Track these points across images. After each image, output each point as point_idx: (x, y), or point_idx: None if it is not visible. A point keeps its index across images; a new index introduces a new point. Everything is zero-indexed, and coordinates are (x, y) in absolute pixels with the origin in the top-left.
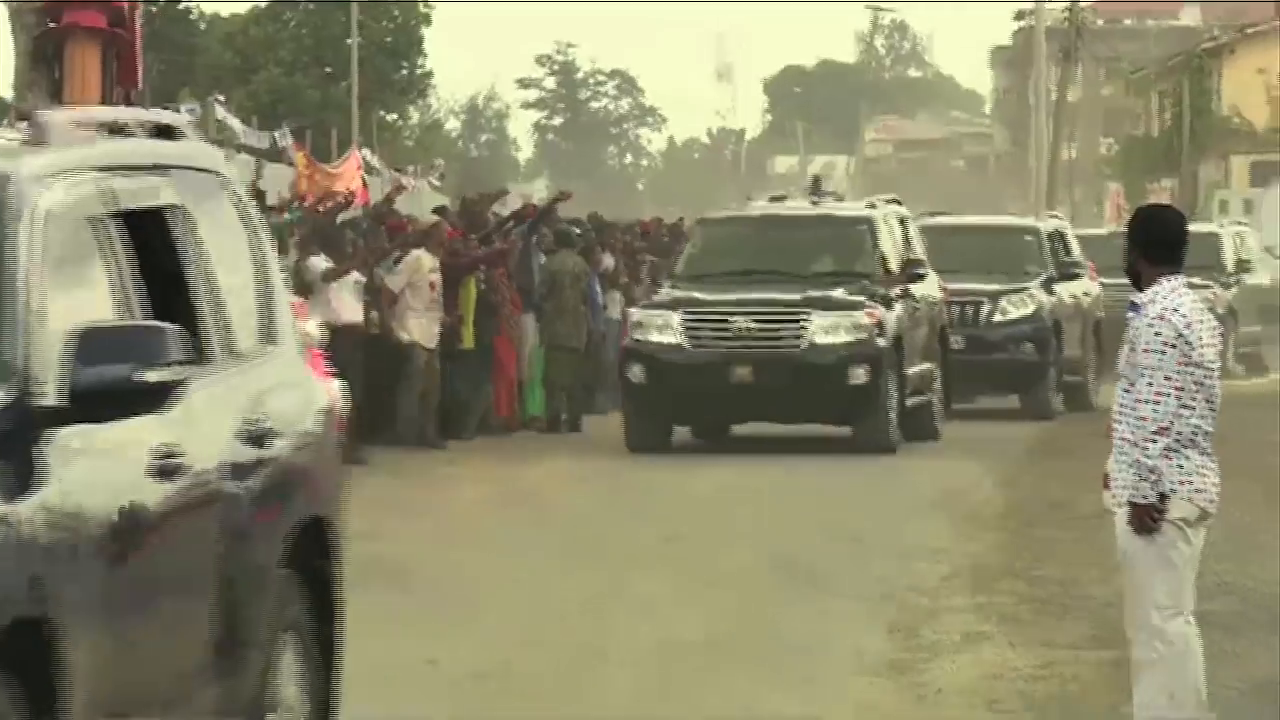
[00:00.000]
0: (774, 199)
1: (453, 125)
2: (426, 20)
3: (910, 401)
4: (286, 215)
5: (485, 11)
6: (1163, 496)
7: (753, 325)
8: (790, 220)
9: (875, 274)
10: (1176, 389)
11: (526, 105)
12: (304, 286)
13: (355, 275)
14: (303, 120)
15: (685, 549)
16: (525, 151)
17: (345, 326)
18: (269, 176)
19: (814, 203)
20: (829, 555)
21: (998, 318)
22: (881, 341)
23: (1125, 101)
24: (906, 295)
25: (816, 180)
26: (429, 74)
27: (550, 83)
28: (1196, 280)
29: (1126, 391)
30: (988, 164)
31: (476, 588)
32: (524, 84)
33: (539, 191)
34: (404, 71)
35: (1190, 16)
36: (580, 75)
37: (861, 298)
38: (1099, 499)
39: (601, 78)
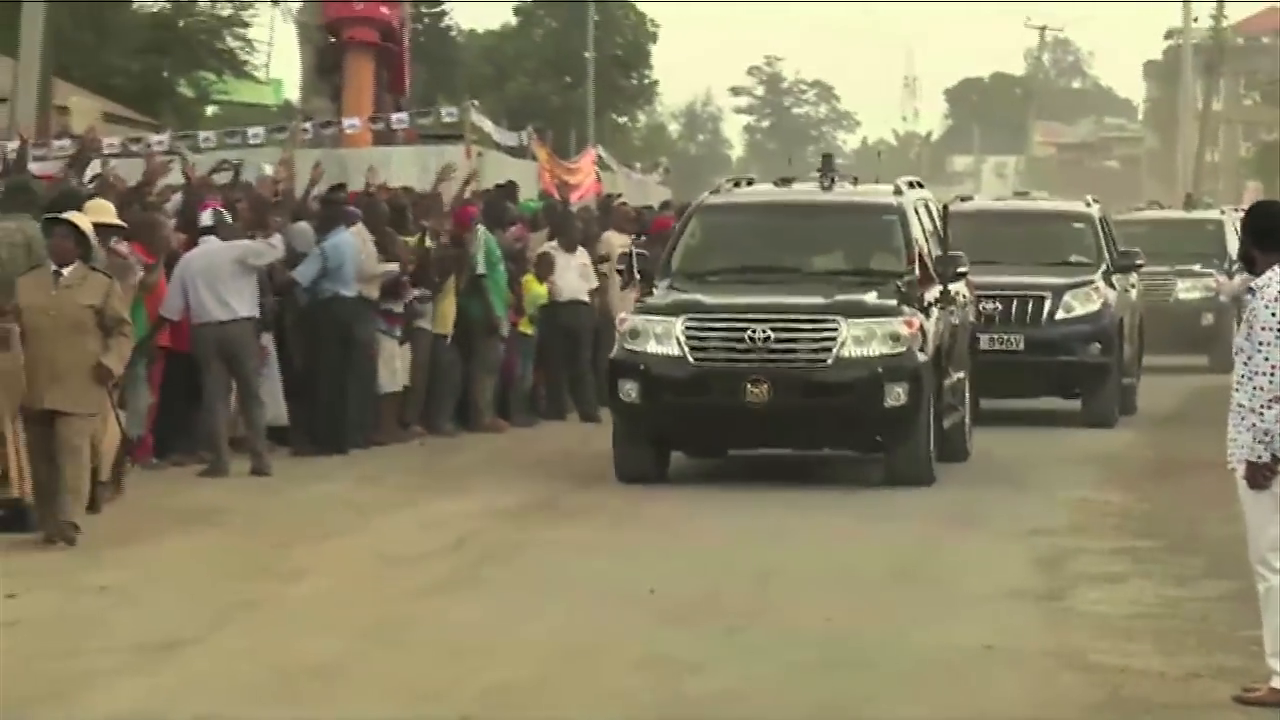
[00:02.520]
0: (780, 181)
1: (674, 127)
2: (653, 37)
3: (947, 422)
4: (528, 202)
5: (704, 28)
6: (1275, 457)
7: (771, 334)
8: (805, 208)
9: (909, 273)
10: None
11: (738, 110)
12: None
13: (582, 257)
14: (546, 123)
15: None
16: (737, 150)
17: (570, 302)
18: (516, 171)
19: (825, 186)
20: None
21: (1061, 315)
22: (922, 355)
23: (1263, 111)
24: (945, 297)
25: (827, 159)
26: (655, 83)
27: (759, 90)
28: (1197, 268)
29: (1246, 364)
30: (1139, 164)
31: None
32: (736, 92)
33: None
34: (633, 80)
35: None
36: (785, 84)
37: (898, 302)
38: None
39: (804, 87)
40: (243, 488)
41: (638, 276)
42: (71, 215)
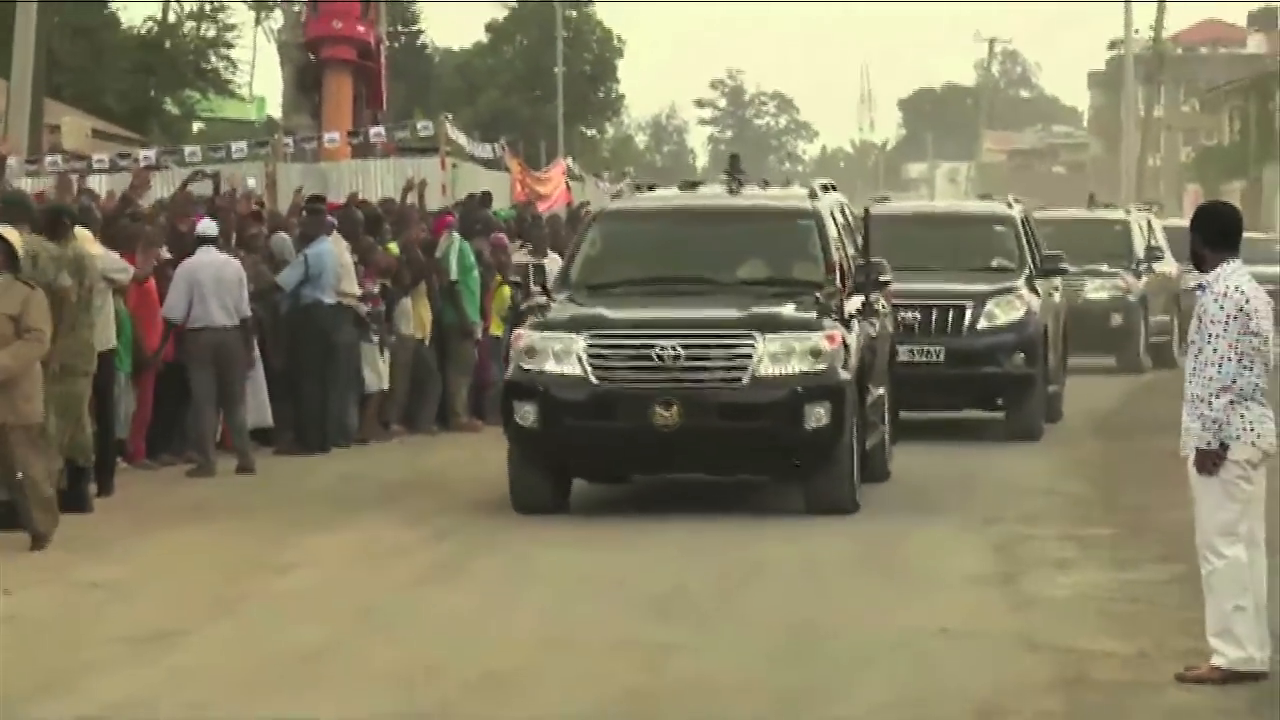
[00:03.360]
0: (686, 185)
1: (641, 139)
2: (619, 53)
3: (869, 442)
4: (500, 211)
5: (668, 44)
6: (1224, 445)
7: (681, 352)
8: (714, 213)
9: (829, 282)
10: (1237, 354)
11: (702, 122)
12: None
13: (554, 263)
14: (518, 135)
15: None
16: (701, 160)
17: None
18: (490, 181)
19: (731, 189)
20: None
21: (983, 324)
22: (844, 373)
23: (1201, 118)
24: (867, 309)
25: (734, 159)
26: (621, 96)
27: (722, 102)
28: (1104, 268)
29: (1196, 356)
30: (1085, 169)
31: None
32: (700, 104)
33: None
34: (601, 94)
35: (1256, 45)
36: (747, 97)
37: (818, 315)
38: None
39: (764, 99)
40: (230, 486)
41: (535, 289)
42: (1, 229)
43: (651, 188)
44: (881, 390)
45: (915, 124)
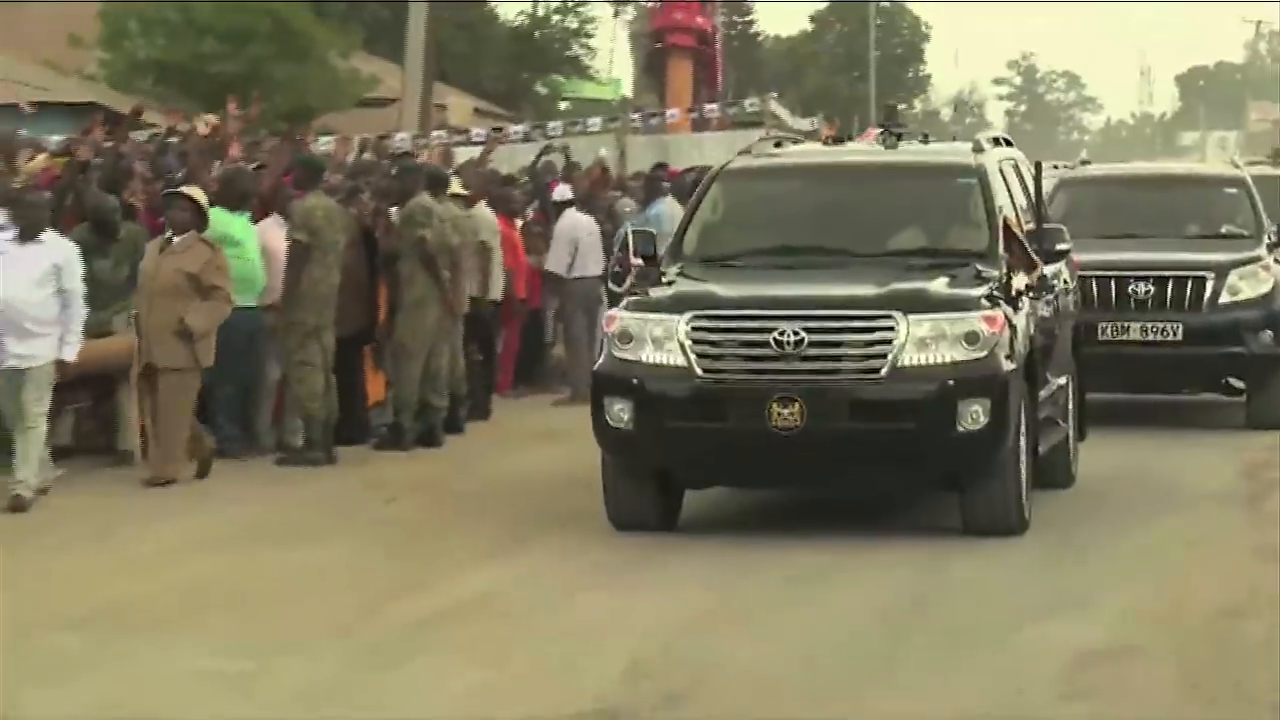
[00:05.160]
0: (830, 140)
1: (945, 113)
2: (926, 38)
3: (1043, 446)
4: None
5: (970, 28)
6: None
7: (805, 336)
8: (856, 171)
9: (992, 252)
10: None
11: (999, 98)
12: None
13: None
14: (836, 111)
15: None
16: (997, 130)
17: None
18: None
19: (887, 143)
20: None
21: (1226, 298)
22: (1009, 362)
23: None
24: (1041, 284)
25: (890, 109)
26: (928, 76)
27: (1017, 80)
28: None
29: None
30: None
31: None
32: (998, 82)
33: None
34: (910, 75)
35: None
36: (1039, 75)
37: (976, 291)
38: None
39: (1054, 76)
40: (579, 415)
41: (635, 260)
42: (190, 189)
43: (779, 144)
44: (1064, 379)
45: (1189, 97)
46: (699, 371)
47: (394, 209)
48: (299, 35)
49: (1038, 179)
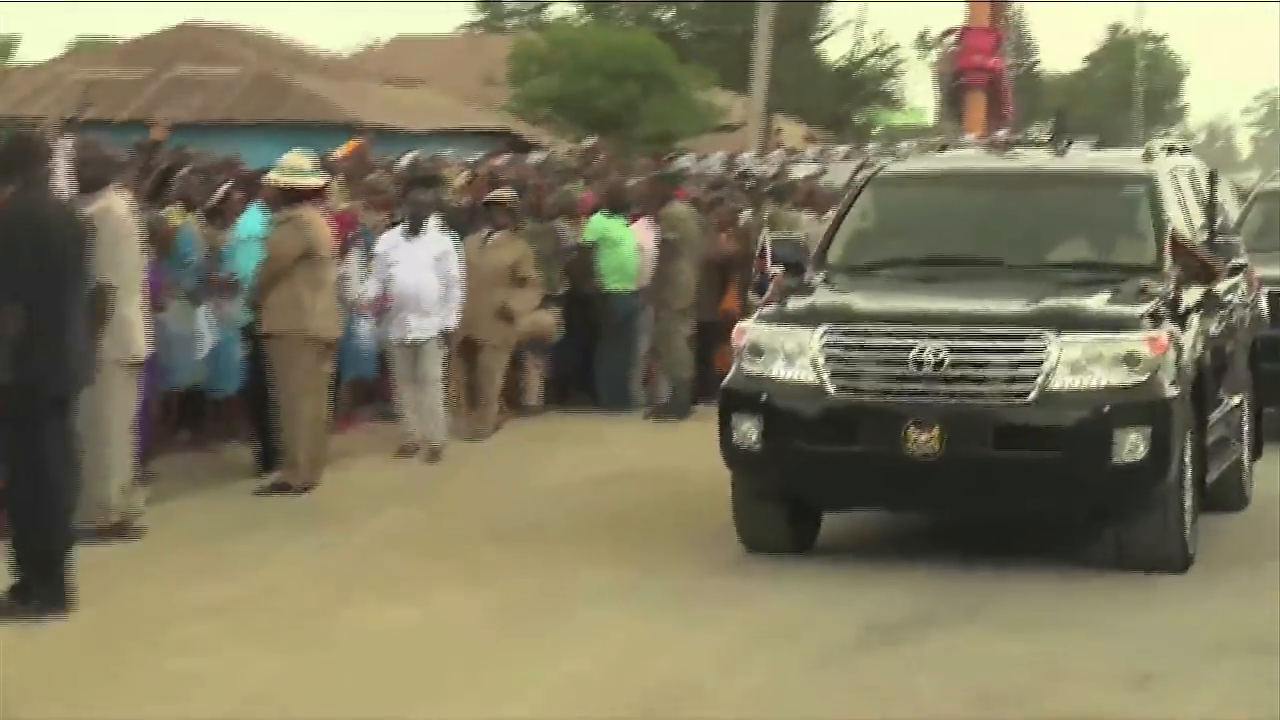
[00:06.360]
0: (995, 145)
1: (1200, 137)
2: (1186, 73)
3: (1213, 473)
4: None
5: (1223, 65)
6: None
7: (947, 355)
8: (1014, 179)
9: (1158, 266)
10: None
11: (1248, 125)
12: None
13: None
14: (1105, 137)
15: None
16: (1244, 154)
17: None
18: None
19: (1057, 150)
20: None
21: None
22: (1173, 388)
23: None
24: (1210, 300)
25: (1060, 114)
26: (1185, 105)
27: (1263, 111)
28: None
29: None
30: None
31: None
32: (1246, 111)
33: (1249, 179)
34: (1167, 107)
35: None
36: None
37: (1138, 309)
38: None
39: None
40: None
41: (771, 270)
42: (500, 194)
43: (944, 149)
44: (1239, 399)
45: None
46: (831, 390)
47: (742, 215)
48: (666, 75)
49: (1213, 188)
